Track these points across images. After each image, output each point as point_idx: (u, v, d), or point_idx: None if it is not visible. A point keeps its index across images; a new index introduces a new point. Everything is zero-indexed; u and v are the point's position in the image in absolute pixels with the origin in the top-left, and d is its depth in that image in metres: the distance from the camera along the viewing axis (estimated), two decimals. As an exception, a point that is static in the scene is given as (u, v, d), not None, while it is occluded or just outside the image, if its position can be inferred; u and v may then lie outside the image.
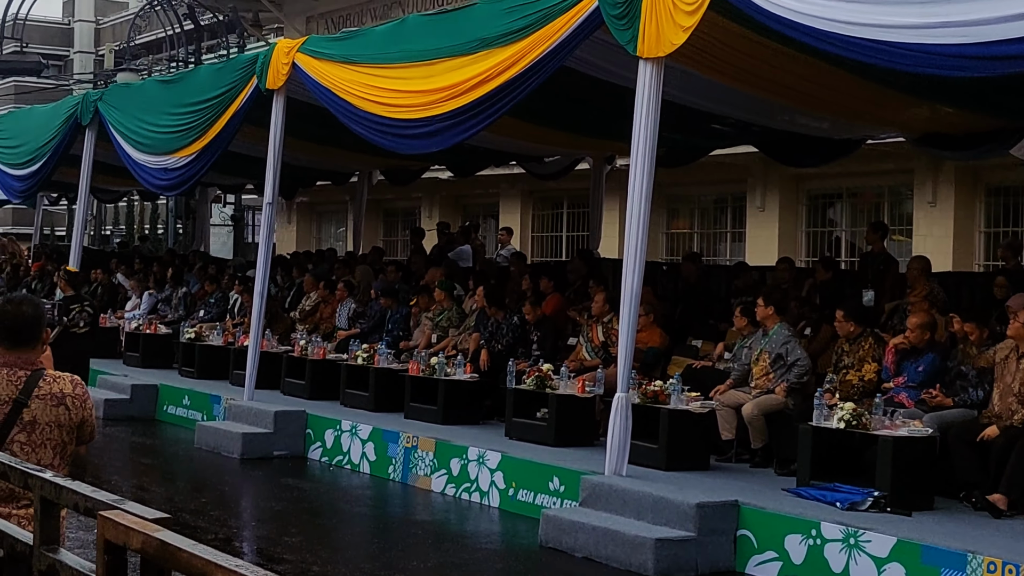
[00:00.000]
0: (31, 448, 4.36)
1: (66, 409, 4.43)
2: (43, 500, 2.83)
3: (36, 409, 4.37)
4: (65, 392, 4.45)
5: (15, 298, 4.67)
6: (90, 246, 30.02)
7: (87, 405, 4.52)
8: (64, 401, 4.43)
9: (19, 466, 2.99)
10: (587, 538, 8.57)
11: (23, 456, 4.28)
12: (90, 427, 4.54)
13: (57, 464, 4.43)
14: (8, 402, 4.34)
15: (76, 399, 4.47)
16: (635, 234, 9.03)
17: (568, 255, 20.95)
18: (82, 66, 47.84)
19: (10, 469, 2.99)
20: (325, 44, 12.43)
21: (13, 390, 4.36)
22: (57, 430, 4.41)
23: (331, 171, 20.55)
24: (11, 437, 4.32)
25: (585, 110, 12.93)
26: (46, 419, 4.39)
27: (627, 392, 9.23)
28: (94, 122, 16.17)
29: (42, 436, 4.38)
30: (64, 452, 4.48)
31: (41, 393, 4.39)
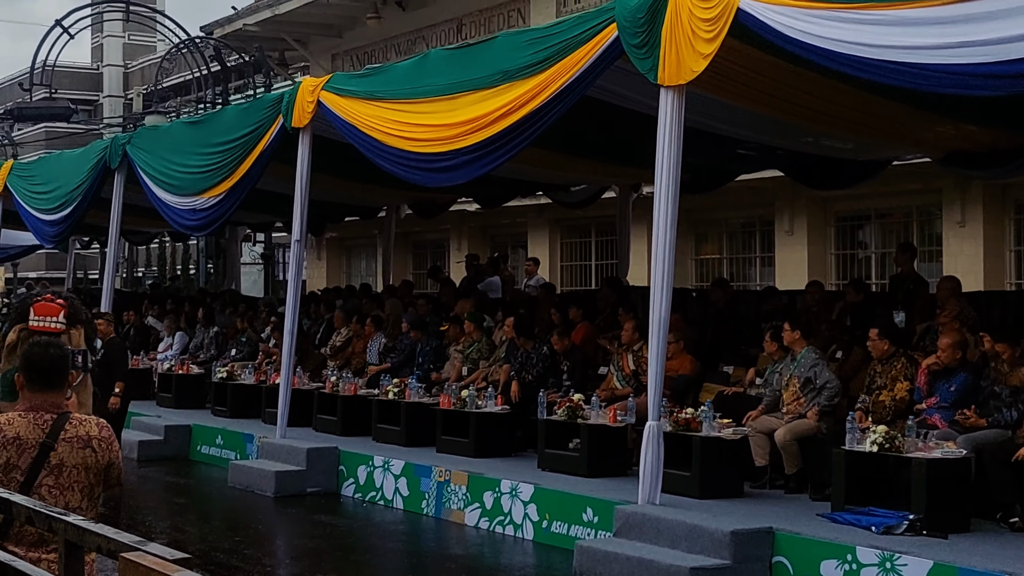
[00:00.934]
0: (59, 491, 4.37)
1: (93, 452, 4.45)
2: (67, 543, 2.85)
3: (63, 452, 4.38)
4: (92, 435, 4.47)
5: (42, 341, 4.76)
6: (122, 288, 30.28)
7: (113, 448, 4.54)
8: (91, 444, 4.45)
9: (44, 510, 3.01)
10: (622, 568, 8.53)
11: (51, 499, 4.31)
12: (117, 470, 4.56)
13: (85, 507, 4.44)
14: (35, 446, 4.36)
15: (103, 442, 4.49)
16: (662, 261, 9.02)
17: (597, 284, 20.94)
18: (111, 110, 48.44)
19: (35, 513, 3.01)
20: (349, 81, 12.52)
21: (40, 433, 4.38)
22: (84, 472, 4.43)
23: (359, 206, 20.66)
24: (39, 481, 4.34)
25: (609, 138, 12.96)
26: (73, 462, 4.40)
27: (659, 420, 9.20)
28: (123, 165, 16.32)
29: (69, 479, 4.40)
30: (92, 495, 4.49)
31: (68, 436, 4.41)
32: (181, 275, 33.64)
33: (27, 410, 4.43)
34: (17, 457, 4.33)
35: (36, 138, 47.00)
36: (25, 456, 4.34)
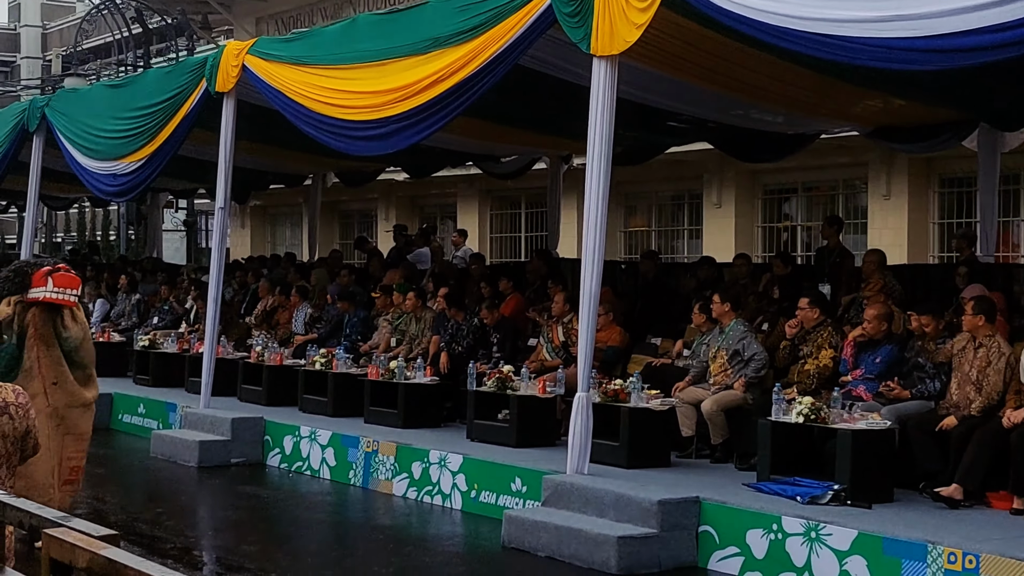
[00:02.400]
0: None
1: (10, 419, 4.34)
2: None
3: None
4: (8, 401, 4.36)
5: None
6: (41, 254, 29.69)
7: (30, 415, 4.43)
8: (7, 411, 4.34)
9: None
10: (550, 537, 8.54)
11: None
12: (33, 439, 4.45)
13: (4, 476, 4.33)
14: None
15: (19, 408, 4.38)
16: (593, 233, 9.00)
17: (527, 255, 20.93)
18: (29, 71, 47.35)
19: (-46, 486, 2.90)
20: (275, 45, 12.32)
21: None
22: (1, 441, 4.32)
23: (284, 174, 20.41)
24: None
25: (541, 109, 12.90)
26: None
27: (588, 391, 9.21)
28: (41, 128, 15.95)
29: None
30: (10, 463, 4.38)
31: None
32: (101, 241, 33.08)
33: None
34: None
35: (-49, 100, 45.85)
36: None
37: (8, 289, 7.31)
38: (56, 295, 7.31)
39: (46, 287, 7.31)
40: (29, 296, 7.29)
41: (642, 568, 8.15)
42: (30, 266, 7.44)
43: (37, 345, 7.32)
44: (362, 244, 20.96)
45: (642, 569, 8.15)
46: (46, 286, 7.30)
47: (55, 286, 7.33)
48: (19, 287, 7.28)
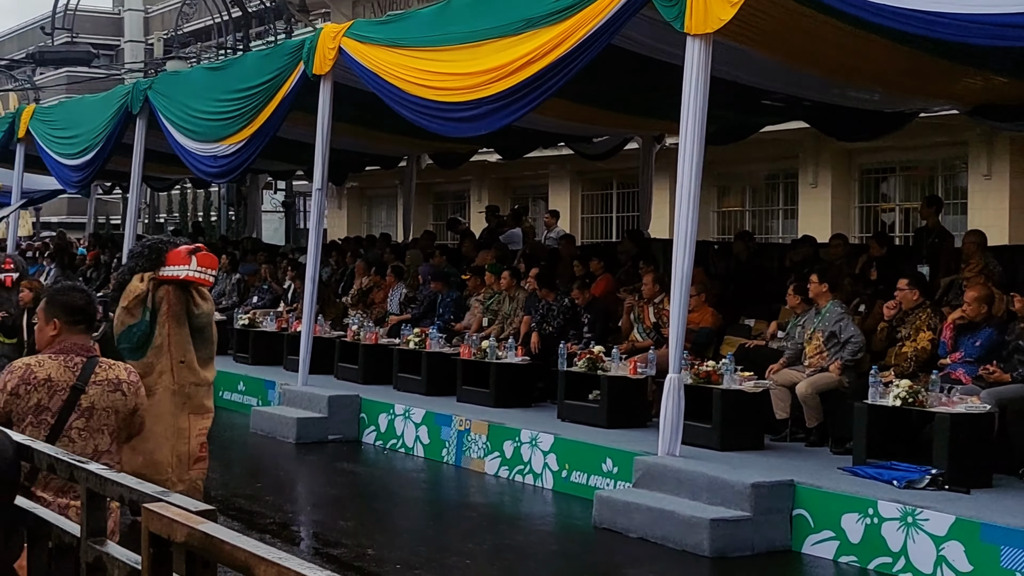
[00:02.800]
0: (89, 434, 4.37)
1: (122, 395, 4.45)
2: (89, 492, 2.84)
3: (94, 395, 4.38)
4: (121, 379, 4.47)
5: (66, 285, 4.74)
6: (144, 235, 30.34)
7: (140, 394, 4.55)
8: (120, 387, 4.45)
9: (66, 458, 3.00)
10: (642, 518, 8.56)
11: (81, 442, 4.32)
12: (140, 419, 4.56)
13: (114, 450, 4.45)
14: (66, 388, 4.34)
15: (131, 386, 4.50)
16: (685, 213, 8.96)
17: (618, 236, 20.88)
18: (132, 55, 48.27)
19: (57, 461, 3.00)
20: (371, 28, 12.43)
21: (71, 376, 4.36)
22: (114, 416, 4.43)
23: (380, 156, 20.61)
24: (70, 423, 4.33)
25: (633, 89, 12.85)
26: (103, 405, 4.40)
27: (679, 373, 9.18)
28: (144, 111, 16.29)
29: (99, 422, 4.39)
30: (119, 439, 4.50)
31: (98, 379, 4.40)
32: (203, 222, 33.69)
33: (57, 352, 4.41)
34: (48, 399, 4.32)
35: (57, 82, 46.94)
36: (56, 398, 4.33)
37: (141, 265, 7.36)
38: (198, 274, 7.34)
39: (189, 265, 7.31)
40: (164, 273, 7.32)
41: (735, 551, 8.13)
42: (164, 244, 7.45)
43: (169, 322, 7.34)
44: (454, 225, 21.08)
45: (735, 552, 8.13)
46: (189, 264, 7.32)
47: (198, 265, 7.35)
48: (153, 264, 7.32)
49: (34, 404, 4.31)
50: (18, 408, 4.32)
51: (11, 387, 4.33)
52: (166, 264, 7.35)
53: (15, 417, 4.32)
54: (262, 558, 2.11)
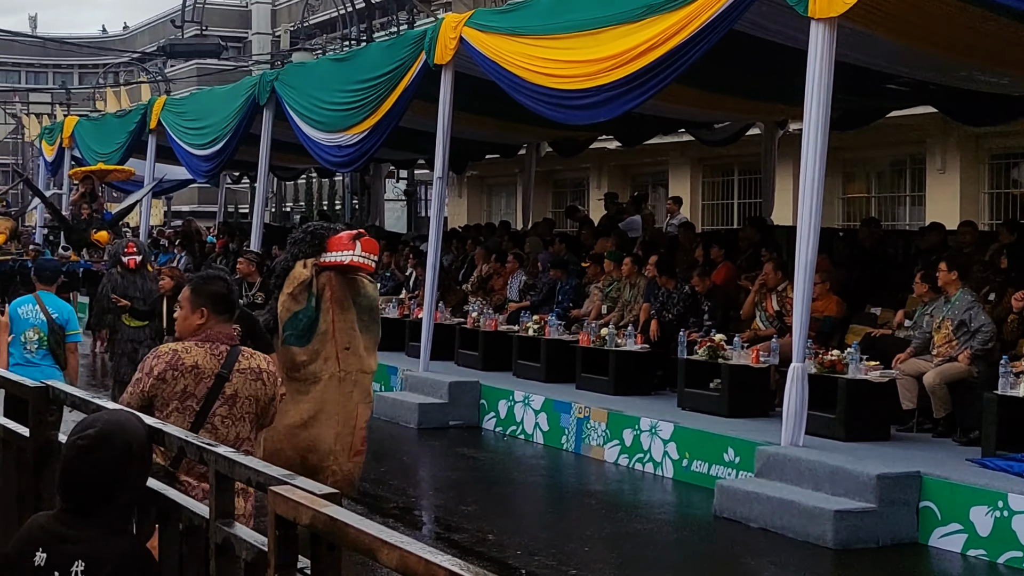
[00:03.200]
0: (231, 421, 4.43)
1: (263, 384, 4.51)
2: (217, 474, 2.92)
3: (237, 383, 4.43)
4: (262, 368, 4.53)
5: (209, 273, 4.81)
6: (271, 223, 30.97)
7: (278, 384, 4.61)
8: (261, 376, 4.50)
9: (195, 441, 3.08)
10: (763, 509, 8.48)
11: (224, 429, 4.39)
12: (274, 409, 4.61)
13: (252, 438, 4.52)
14: (211, 376, 4.41)
15: (271, 375, 4.56)
16: (809, 200, 8.84)
17: (739, 223, 20.64)
18: (259, 47, 49.27)
19: (187, 444, 3.08)
20: (491, 17, 12.49)
21: (216, 364, 4.43)
22: (255, 404, 4.49)
23: (500, 144, 20.71)
24: (214, 410, 4.40)
25: (756, 74, 12.69)
26: (246, 393, 4.46)
27: (803, 362, 9.07)
28: (271, 101, 16.62)
29: (241, 410, 4.45)
30: (259, 427, 4.56)
31: (241, 368, 4.46)
32: (327, 210, 34.23)
33: (203, 340, 4.47)
34: (194, 385, 4.39)
35: (188, 74, 48.16)
36: (201, 385, 4.39)
37: (304, 251, 7.38)
38: (362, 259, 7.35)
39: (354, 251, 7.30)
40: (327, 259, 7.34)
41: (860, 543, 8.01)
42: (325, 229, 7.45)
43: (333, 308, 7.36)
44: (573, 213, 21.06)
45: (859, 544, 8.01)
46: (354, 250, 7.32)
47: (362, 250, 7.36)
48: (315, 250, 7.34)
49: (180, 390, 4.38)
50: (163, 393, 4.38)
51: (158, 371, 4.39)
52: (327, 250, 7.36)
53: (159, 402, 4.39)
54: (385, 541, 2.15)
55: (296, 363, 7.44)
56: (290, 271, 7.42)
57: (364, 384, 7.62)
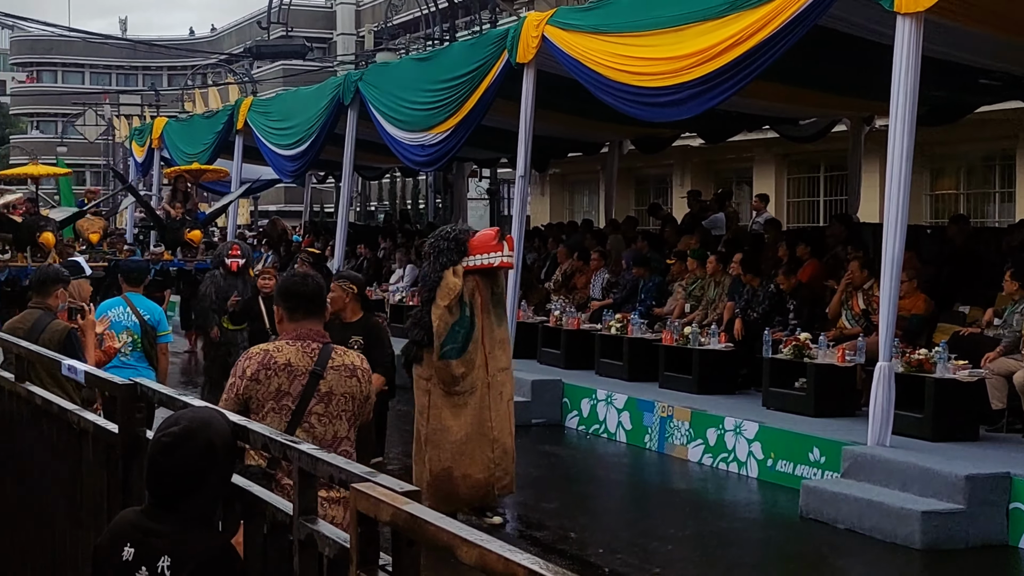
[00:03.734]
0: (328, 420, 4.39)
1: (358, 381, 4.48)
2: (300, 471, 2.95)
3: (332, 380, 4.40)
4: (356, 365, 4.50)
5: (299, 272, 4.77)
6: (356, 222, 31.27)
7: (373, 381, 4.60)
8: (356, 374, 4.47)
9: (278, 438, 3.11)
10: (850, 509, 8.38)
11: (321, 428, 4.35)
12: (370, 405, 4.58)
13: (351, 437, 4.48)
14: (305, 374, 4.37)
15: (365, 372, 4.53)
16: (896, 197, 8.71)
17: (825, 220, 20.39)
18: (344, 47, 49.77)
19: (270, 440, 3.11)
20: (574, 15, 12.48)
21: (309, 362, 4.39)
22: (351, 402, 4.45)
23: (582, 142, 20.67)
24: (310, 408, 4.36)
25: (841, 69, 12.52)
26: (341, 391, 4.42)
27: (890, 361, 8.95)
28: (355, 102, 16.77)
29: (337, 408, 4.41)
30: (354, 424, 4.50)
31: (335, 365, 4.42)
32: (411, 209, 34.47)
33: (294, 339, 4.45)
34: (288, 384, 4.37)
35: (274, 75, 48.79)
36: (296, 383, 4.37)
37: (449, 260, 7.14)
38: (510, 259, 7.23)
39: (501, 252, 7.15)
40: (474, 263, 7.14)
41: (948, 544, 7.89)
42: (465, 233, 7.29)
43: (482, 314, 7.29)
44: (656, 211, 20.95)
45: (948, 545, 7.89)
46: (501, 251, 7.15)
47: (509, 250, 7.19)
48: (460, 255, 7.13)
49: (274, 389, 4.36)
50: (258, 394, 4.36)
51: (251, 372, 4.38)
52: (470, 253, 7.14)
53: (254, 404, 4.37)
54: (464, 539, 2.16)
55: (455, 376, 7.34)
56: (440, 282, 7.25)
57: (508, 383, 7.56)
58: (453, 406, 7.44)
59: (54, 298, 7.06)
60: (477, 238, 7.17)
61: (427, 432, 7.83)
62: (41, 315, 6.93)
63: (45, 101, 72.94)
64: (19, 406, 4.89)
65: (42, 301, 7.06)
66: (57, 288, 7.08)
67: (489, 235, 7.21)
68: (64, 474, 4.34)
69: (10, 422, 4.97)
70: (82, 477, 4.16)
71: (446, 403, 7.65)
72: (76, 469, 4.22)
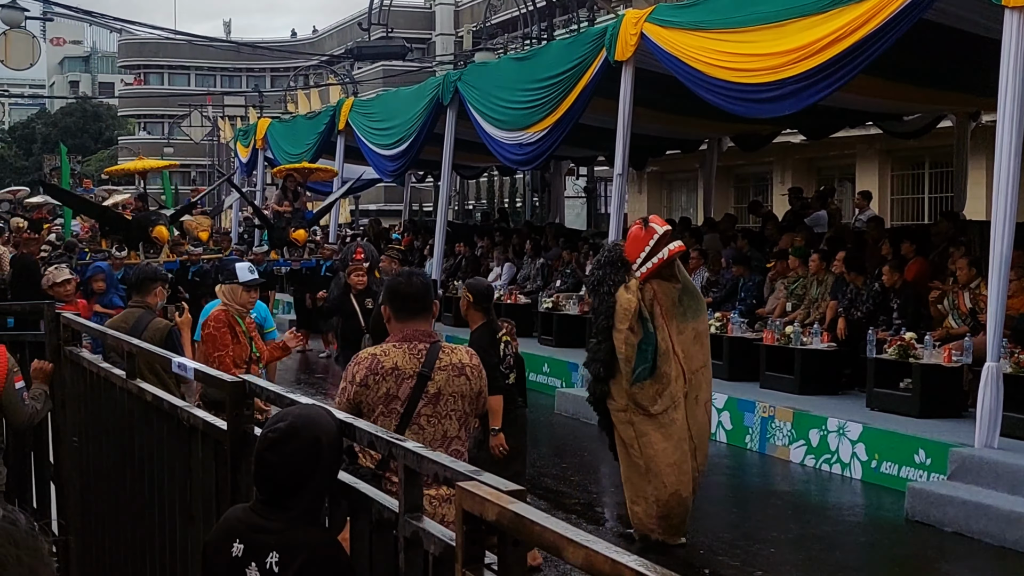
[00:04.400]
0: (437, 420, 4.38)
1: (467, 380, 4.45)
2: (406, 469, 2.98)
3: (440, 381, 4.38)
4: (464, 363, 4.47)
5: (405, 272, 4.73)
6: (454, 220, 31.47)
7: (483, 376, 4.54)
8: (464, 371, 4.45)
9: (384, 435, 3.14)
10: (957, 512, 8.23)
11: (430, 428, 4.35)
12: (483, 398, 4.56)
13: (462, 436, 4.46)
14: (413, 376, 4.36)
15: (474, 369, 4.50)
16: (1004, 194, 8.53)
17: (930, 218, 20.02)
18: (443, 48, 50.10)
19: (376, 438, 3.15)
20: (673, 12, 12.42)
21: (416, 363, 4.38)
22: (460, 400, 4.43)
23: (680, 139, 20.54)
24: (418, 410, 4.35)
25: (946, 64, 12.29)
26: (450, 390, 4.40)
27: (998, 361, 8.76)
28: (454, 101, 16.88)
29: (447, 407, 4.39)
30: (466, 423, 4.49)
31: (443, 365, 4.40)
32: (509, 207, 34.58)
33: (400, 340, 4.44)
34: (396, 387, 4.36)
35: (374, 76, 49.31)
36: (404, 386, 4.36)
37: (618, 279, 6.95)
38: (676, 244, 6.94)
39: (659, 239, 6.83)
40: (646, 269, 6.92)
41: (1058, 549, 7.70)
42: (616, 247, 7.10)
43: (665, 321, 7.07)
44: (756, 208, 20.75)
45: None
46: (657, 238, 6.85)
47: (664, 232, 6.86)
48: (624, 267, 6.95)
49: (383, 393, 4.35)
50: (368, 399, 4.36)
51: (360, 378, 4.37)
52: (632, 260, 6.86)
53: (365, 408, 4.38)
54: (571, 540, 2.17)
55: (652, 397, 7.18)
56: (614, 307, 7.05)
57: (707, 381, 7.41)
58: (660, 427, 7.25)
59: (153, 296, 7.21)
60: (629, 243, 6.97)
61: (644, 462, 7.56)
62: (142, 314, 7.09)
63: (152, 103, 74.64)
64: (131, 403, 5.01)
65: (142, 300, 7.22)
66: (156, 286, 7.23)
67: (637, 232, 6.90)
68: (176, 470, 4.44)
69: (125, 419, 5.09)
70: (192, 473, 4.26)
71: (652, 426, 7.40)
72: (186, 465, 4.32)
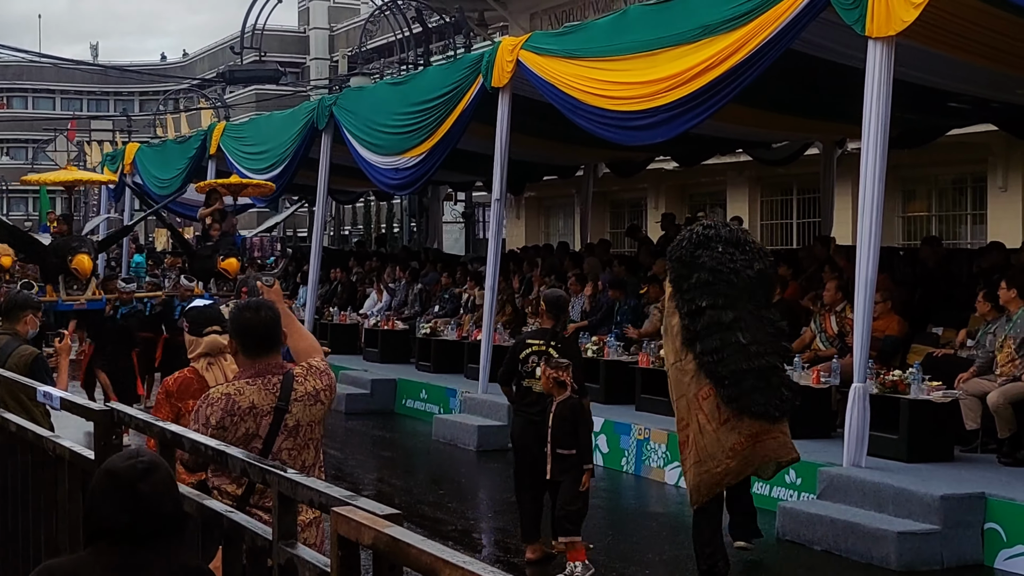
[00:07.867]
0: (297, 452, 4.26)
1: (322, 405, 4.35)
2: (280, 496, 2.95)
3: (297, 413, 4.25)
4: (318, 388, 4.34)
5: (251, 304, 4.45)
6: (330, 246, 31.23)
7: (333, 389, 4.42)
8: (319, 398, 4.33)
9: (257, 463, 3.09)
10: (826, 531, 8.41)
11: (291, 462, 4.17)
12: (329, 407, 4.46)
13: (319, 462, 4.37)
14: (270, 412, 4.21)
15: (328, 391, 4.37)
16: (869, 219, 8.78)
17: (799, 242, 20.51)
18: (317, 72, 49.80)
19: (249, 466, 3.11)
20: (548, 40, 12.55)
21: (272, 398, 4.22)
22: (317, 428, 4.34)
23: (557, 165, 20.75)
24: (278, 446, 4.21)
25: (813, 93, 12.64)
26: (307, 420, 4.28)
27: (865, 382, 8.99)
28: (329, 126, 16.78)
29: (304, 437, 4.28)
30: (319, 447, 4.38)
31: (298, 395, 4.26)
32: (386, 233, 34.44)
33: (253, 376, 4.26)
34: (256, 426, 4.19)
35: (247, 100, 48.76)
36: (263, 423, 4.20)
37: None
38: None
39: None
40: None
41: (924, 565, 7.92)
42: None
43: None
44: (634, 232, 21.02)
45: (924, 566, 7.92)
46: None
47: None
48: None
49: (243, 434, 4.18)
50: (226, 440, 4.00)
51: (216, 420, 4.16)
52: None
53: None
54: (447, 562, 2.17)
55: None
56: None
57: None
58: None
59: (23, 324, 7.02)
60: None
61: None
62: (7, 340, 6.90)
63: (16, 127, 72.64)
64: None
65: (11, 327, 7.02)
66: (26, 314, 7.04)
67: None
68: (41, 501, 4.31)
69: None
70: (59, 504, 4.14)
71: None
72: (52, 496, 4.20)
